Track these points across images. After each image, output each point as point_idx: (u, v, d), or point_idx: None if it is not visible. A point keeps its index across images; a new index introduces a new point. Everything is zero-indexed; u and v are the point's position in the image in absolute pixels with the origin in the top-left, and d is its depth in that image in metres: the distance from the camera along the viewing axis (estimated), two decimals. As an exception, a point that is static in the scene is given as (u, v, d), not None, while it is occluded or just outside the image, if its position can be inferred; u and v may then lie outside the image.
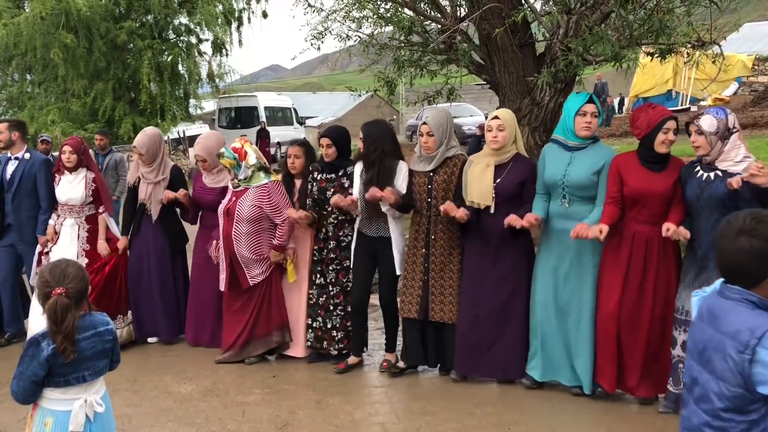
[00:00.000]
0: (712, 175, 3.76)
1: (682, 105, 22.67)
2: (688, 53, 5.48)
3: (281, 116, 24.93)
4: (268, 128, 22.42)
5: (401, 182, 4.54)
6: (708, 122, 3.73)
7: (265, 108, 23.72)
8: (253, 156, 4.91)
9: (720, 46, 5.44)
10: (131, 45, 18.65)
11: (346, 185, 4.77)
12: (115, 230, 5.64)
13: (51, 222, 5.47)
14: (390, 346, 4.84)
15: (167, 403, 4.44)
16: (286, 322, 5.08)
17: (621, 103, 27.20)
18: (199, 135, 22.36)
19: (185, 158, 20.34)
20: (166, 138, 19.37)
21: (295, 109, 26.16)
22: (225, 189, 5.17)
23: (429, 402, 4.33)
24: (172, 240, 5.51)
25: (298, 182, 5.09)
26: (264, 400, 4.43)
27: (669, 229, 3.77)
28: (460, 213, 4.23)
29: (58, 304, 2.51)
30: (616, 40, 4.91)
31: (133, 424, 4.12)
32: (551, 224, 4.27)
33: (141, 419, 4.19)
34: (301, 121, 26.45)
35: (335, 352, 4.95)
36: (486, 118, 18.34)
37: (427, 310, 4.53)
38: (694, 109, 21.32)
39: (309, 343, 5.02)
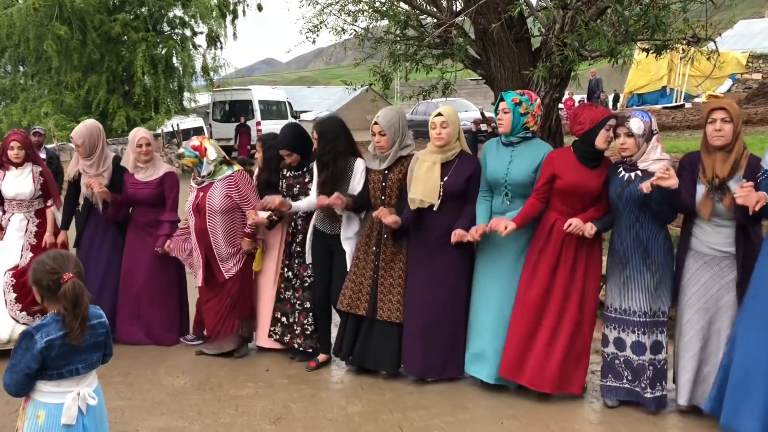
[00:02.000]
0: (632, 175, 3.92)
1: (676, 101, 22.74)
2: (683, 49, 5.48)
3: (276, 110, 24.82)
4: (263, 122, 22.32)
5: (358, 180, 4.58)
6: (637, 125, 3.89)
7: (260, 101, 23.60)
8: (212, 151, 4.97)
9: (715, 42, 5.44)
10: (125, 37, 18.58)
11: (307, 180, 4.84)
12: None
13: None
14: (327, 347, 4.88)
15: (160, 396, 4.43)
16: (254, 313, 5.15)
17: (616, 100, 27.23)
18: (193, 128, 22.03)
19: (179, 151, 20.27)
20: (159, 131, 19.30)
21: (289, 103, 26.04)
22: (160, 181, 5.25)
23: (422, 396, 4.34)
24: (124, 234, 5.45)
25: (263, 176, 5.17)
26: (257, 394, 4.43)
27: (571, 224, 3.95)
28: (390, 219, 4.28)
29: (76, 287, 2.55)
30: (611, 35, 4.90)
31: (125, 417, 4.11)
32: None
33: (134, 412, 4.18)
34: (296, 115, 26.33)
35: (296, 346, 4.95)
36: (480, 113, 18.35)
37: (375, 307, 4.51)
38: (688, 105, 21.40)
39: (276, 337, 5.02)
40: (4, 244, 5.28)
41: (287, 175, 4.96)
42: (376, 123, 4.49)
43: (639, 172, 3.90)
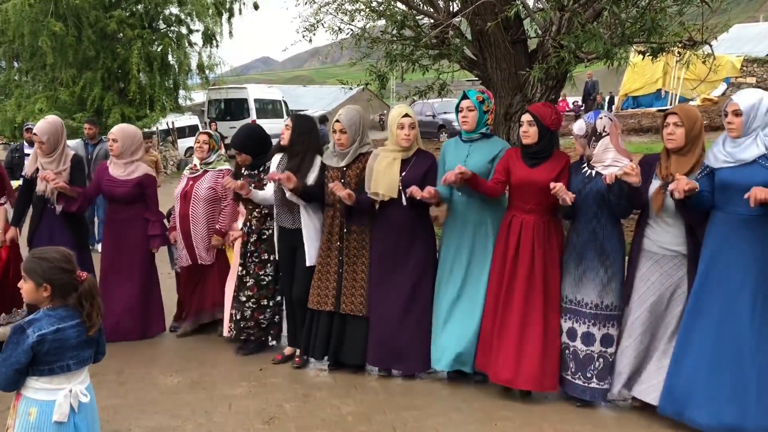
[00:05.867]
0: (593, 172, 4.11)
1: (671, 104, 22.79)
2: (679, 53, 5.49)
3: (271, 109, 24.81)
4: (259, 120, 22.27)
5: (313, 175, 4.72)
6: (578, 126, 4.12)
7: (255, 100, 23.60)
8: (223, 150, 5.70)
9: (711, 46, 5.45)
10: (121, 34, 18.48)
11: (263, 180, 4.99)
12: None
13: None
14: (294, 341, 4.98)
15: (153, 395, 4.42)
16: (222, 301, 5.38)
17: (611, 102, 27.29)
18: (188, 126, 21.94)
19: (174, 149, 20.21)
20: (154, 129, 19.24)
21: (285, 102, 26.03)
22: (139, 181, 5.36)
23: (416, 397, 4.34)
24: (77, 233, 5.45)
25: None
26: (251, 393, 4.42)
27: (555, 186, 3.99)
28: (344, 192, 4.38)
29: (94, 285, 2.67)
30: (608, 37, 4.91)
31: (118, 416, 4.09)
32: (453, 213, 4.51)
33: (126, 411, 4.16)
34: (291, 114, 26.31)
35: (244, 336, 5.11)
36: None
37: (339, 301, 4.64)
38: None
39: (232, 333, 5.18)
40: None
41: (244, 173, 5.14)
42: (337, 121, 4.65)
43: (601, 171, 4.07)
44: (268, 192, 4.89)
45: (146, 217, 5.42)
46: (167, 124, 20.62)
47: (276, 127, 22.44)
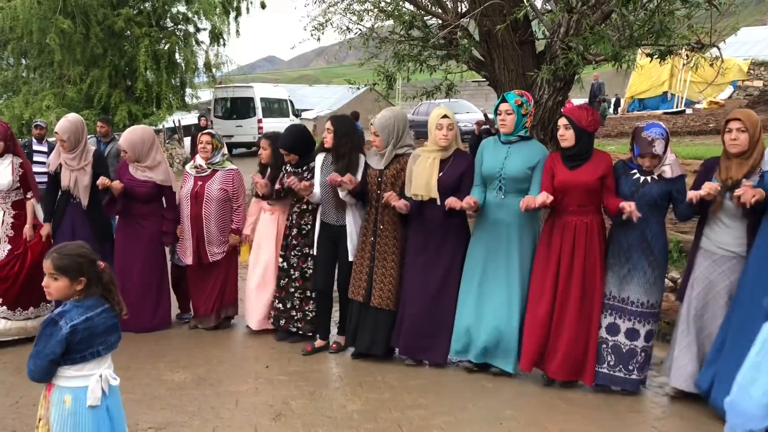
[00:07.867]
0: (648, 178, 4.20)
1: (677, 107, 22.76)
2: (687, 55, 5.50)
3: (277, 108, 24.82)
4: (265, 119, 22.31)
5: (359, 174, 4.91)
6: (660, 147, 4.14)
7: (261, 99, 23.59)
8: (225, 148, 5.78)
9: (719, 48, 5.46)
10: (128, 32, 18.54)
11: (308, 178, 5.14)
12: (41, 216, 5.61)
13: None
14: (341, 329, 5.20)
15: (160, 390, 4.45)
16: (236, 298, 5.72)
17: (617, 104, 27.25)
18: (194, 125, 21.76)
19: (180, 147, 20.27)
20: (161, 127, 19.29)
21: (291, 101, 26.04)
22: (157, 185, 5.51)
23: (422, 395, 4.35)
24: (99, 226, 5.57)
25: (269, 171, 5.58)
26: (257, 390, 4.44)
27: (624, 207, 4.05)
28: (400, 203, 4.57)
29: (111, 271, 2.78)
30: (616, 40, 4.92)
31: (125, 411, 4.08)
32: (486, 213, 4.58)
33: (133, 407, 4.18)
34: (297, 113, 26.34)
35: (294, 330, 5.30)
36: (484, 115, 18.37)
37: (371, 294, 4.79)
38: (689, 111, 21.42)
39: (272, 321, 5.37)
40: None
41: (288, 170, 5.26)
42: (372, 124, 4.81)
43: (655, 176, 4.16)
44: (318, 192, 5.05)
45: (163, 214, 5.58)
46: (174, 122, 20.68)
47: (282, 126, 22.48)
